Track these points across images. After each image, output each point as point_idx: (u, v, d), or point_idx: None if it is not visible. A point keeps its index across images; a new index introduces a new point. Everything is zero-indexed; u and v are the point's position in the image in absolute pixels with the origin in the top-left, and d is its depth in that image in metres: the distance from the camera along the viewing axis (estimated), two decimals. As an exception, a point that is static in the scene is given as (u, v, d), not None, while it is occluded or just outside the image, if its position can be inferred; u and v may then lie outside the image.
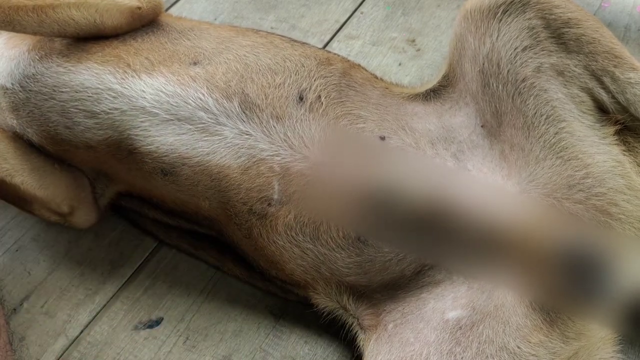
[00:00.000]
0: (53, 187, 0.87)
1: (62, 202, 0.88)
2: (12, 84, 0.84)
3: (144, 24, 0.87)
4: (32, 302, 0.92)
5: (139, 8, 0.84)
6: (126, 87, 0.78)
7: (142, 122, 0.77)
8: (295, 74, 0.80)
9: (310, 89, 0.79)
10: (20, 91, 0.83)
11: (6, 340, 0.85)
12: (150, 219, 0.95)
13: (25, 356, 0.87)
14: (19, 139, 0.87)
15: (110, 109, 0.78)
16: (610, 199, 0.71)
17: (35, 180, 0.85)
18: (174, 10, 1.35)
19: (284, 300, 0.89)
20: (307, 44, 0.90)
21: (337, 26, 1.29)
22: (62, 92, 0.80)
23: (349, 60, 0.89)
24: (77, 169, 0.90)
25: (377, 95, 0.83)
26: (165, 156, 0.77)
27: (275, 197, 0.75)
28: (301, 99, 0.78)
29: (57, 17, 0.79)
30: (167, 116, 0.77)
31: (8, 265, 0.96)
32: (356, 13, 1.31)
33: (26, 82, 0.82)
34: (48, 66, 0.81)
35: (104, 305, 0.92)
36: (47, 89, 0.81)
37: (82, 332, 0.89)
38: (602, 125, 0.75)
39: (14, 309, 0.91)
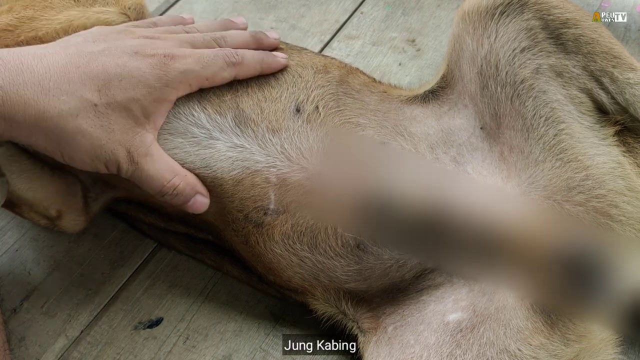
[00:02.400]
0: (41, 191, 0.85)
1: (49, 206, 0.87)
2: None
3: None
4: (32, 302, 0.92)
5: (127, 20, 0.84)
6: None
7: None
8: (293, 86, 0.79)
9: (307, 100, 0.78)
10: None
11: (4, 339, 0.85)
12: (146, 224, 0.94)
13: (25, 356, 0.87)
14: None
15: None
16: (611, 200, 0.71)
17: (23, 183, 0.84)
18: (174, 10, 1.35)
19: (283, 301, 0.89)
20: (304, 49, 0.89)
21: (337, 26, 1.29)
22: None
23: (346, 65, 0.88)
24: (69, 173, 0.89)
25: (375, 100, 0.82)
26: None
27: (272, 207, 0.75)
28: (298, 110, 0.77)
29: None
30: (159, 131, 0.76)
31: (8, 265, 0.96)
32: (356, 13, 1.31)
33: None
34: None
35: (104, 305, 0.92)
36: None
37: (82, 332, 0.89)
38: (601, 126, 0.74)
39: (14, 309, 0.91)
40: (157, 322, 0.89)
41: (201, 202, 0.75)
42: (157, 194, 0.73)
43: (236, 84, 0.78)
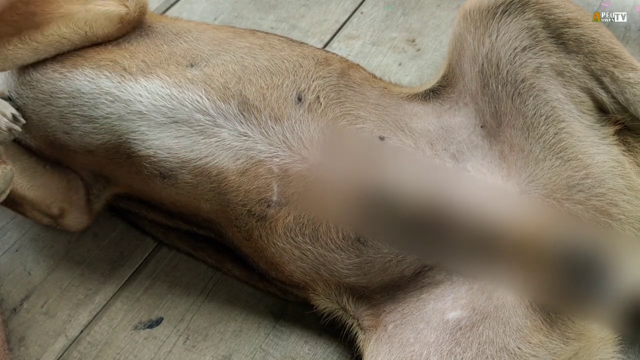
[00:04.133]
0: (43, 189, 0.86)
1: (52, 204, 0.87)
2: (9, 92, 0.83)
3: (134, 27, 0.87)
4: (32, 302, 0.92)
5: (128, 13, 0.84)
6: (123, 90, 0.77)
7: (139, 126, 0.77)
8: (294, 75, 0.79)
9: (308, 90, 0.78)
10: (17, 98, 0.82)
11: (4, 339, 0.85)
12: (148, 221, 0.94)
13: (25, 356, 0.87)
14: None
15: (107, 114, 0.78)
16: (610, 199, 0.71)
17: (25, 181, 0.84)
18: (174, 10, 1.35)
19: (283, 300, 0.89)
20: (305, 44, 0.90)
21: (337, 26, 1.29)
22: (60, 98, 0.79)
23: (347, 60, 0.89)
24: (72, 171, 0.89)
25: (376, 95, 0.82)
26: (164, 160, 0.77)
27: (275, 198, 0.75)
28: (300, 99, 0.77)
29: (48, 41, 0.79)
30: (164, 119, 0.76)
31: (8, 265, 0.96)
32: (356, 13, 1.31)
33: (22, 89, 0.82)
34: (43, 72, 0.81)
35: (104, 305, 0.92)
36: (43, 95, 0.80)
37: (82, 332, 0.89)
38: (601, 126, 0.74)
39: (14, 309, 0.91)
40: (157, 322, 0.89)
41: None
42: None
43: (239, 72, 0.78)
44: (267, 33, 0.91)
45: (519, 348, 0.69)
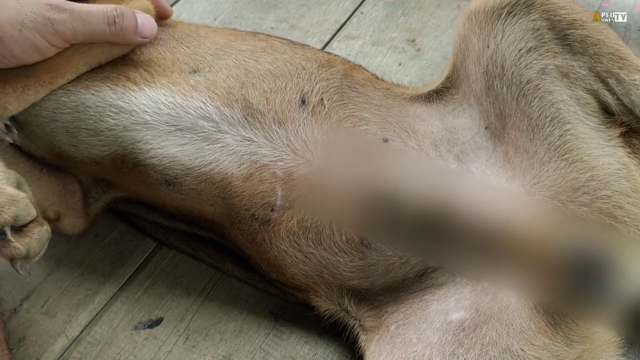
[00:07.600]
0: (39, 193, 0.84)
1: (47, 208, 0.86)
2: None
3: None
4: (32, 302, 0.92)
5: None
6: (127, 102, 0.76)
7: (144, 135, 0.76)
8: (297, 78, 0.79)
9: (312, 92, 0.78)
10: (19, 114, 0.81)
11: (2, 339, 0.85)
12: (148, 222, 0.94)
13: (25, 356, 0.86)
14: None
15: (113, 125, 0.77)
16: (615, 201, 0.71)
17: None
18: (174, 10, 1.34)
19: (284, 301, 0.89)
20: (307, 45, 0.90)
21: (337, 26, 1.29)
22: (64, 113, 0.78)
23: (349, 62, 0.89)
24: (69, 174, 0.89)
25: (379, 96, 0.82)
26: (169, 168, 0.77)
27: (278, 202, 0.75)
28: (303, 102, 0.77)
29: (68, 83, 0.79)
30: (168, 128, 0.76)
31: (8, 265, 0.95)
32: (356, 13, 1.31)
33: None
34: None
35: (104, 305, 0.91)
36: (47, 112, 0.79)
37: (82, 332, 0.89)
38: (607, 127, 0.74)
39: (14, 309, 0.91)
40: (157, 322, 0.89)
41: (145, 17, 0.78)
42: (109, 25, 0.73)
43: (242, 76, 0.78)
44: (268, 35, 0.90)
45: (522, 350, 0.69)
